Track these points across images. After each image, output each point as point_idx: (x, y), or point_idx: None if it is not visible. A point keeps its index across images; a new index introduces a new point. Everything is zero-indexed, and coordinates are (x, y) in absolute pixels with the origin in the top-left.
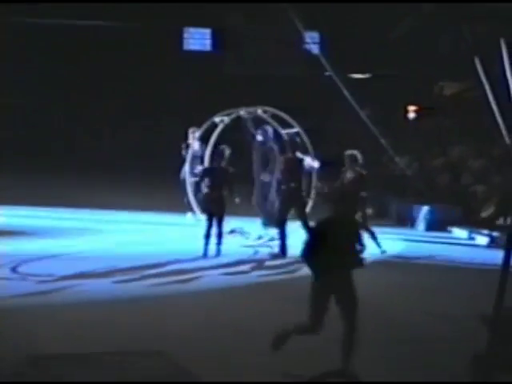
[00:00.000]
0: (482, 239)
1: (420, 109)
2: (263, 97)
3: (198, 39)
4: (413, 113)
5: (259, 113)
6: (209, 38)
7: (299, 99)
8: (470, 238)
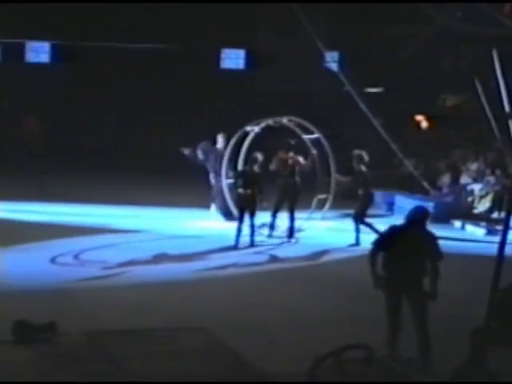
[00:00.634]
0: (479, 231)
1: (426, 118)
2: (290, 109)
3: (232, 59)
4: (424, 122)
5: (285, 122)
6: (242, 57)
7: (321, 110)
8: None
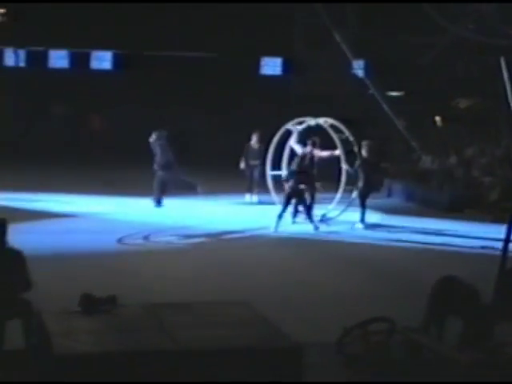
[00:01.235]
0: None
1: (442, 119)
2: (321, 111)
3: (271, 66)
4: (439, 121)
5: (321, 122)
6: (279, 65)
7: (349, 112)
8: None
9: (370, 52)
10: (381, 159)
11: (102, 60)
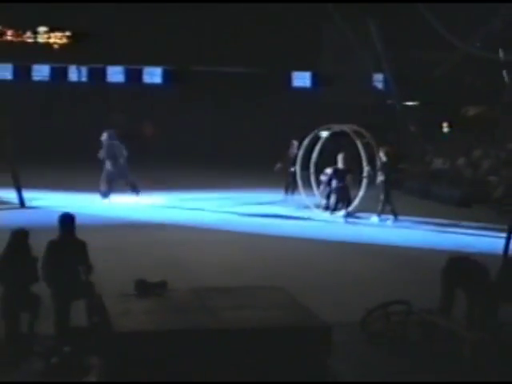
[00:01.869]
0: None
1: (451, 125)
2: (346, 119)
3: (301, 79)
4: (446, 128)
5: (345, 128)
6: (308, 78)
7: (371, 119)
8: None
9: (388, 67)
10: (398, 161)
11: (153, 75)
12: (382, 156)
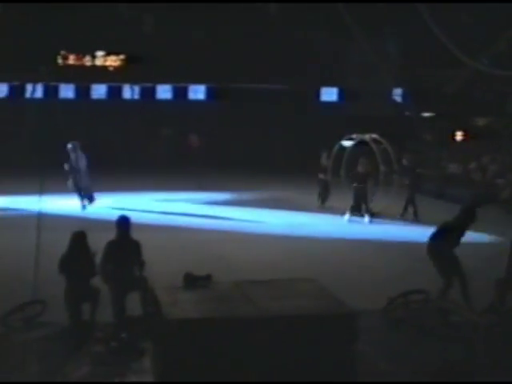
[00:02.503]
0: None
1: (464, 134)
2: (370, 128)
3: (329, 94)
4: (460, 136)
5: (366, 137)
6: (336, 93)
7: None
8: None
9: (406, 82)
10: (416, 166)
11: (197, 92)
12: (404, 161)
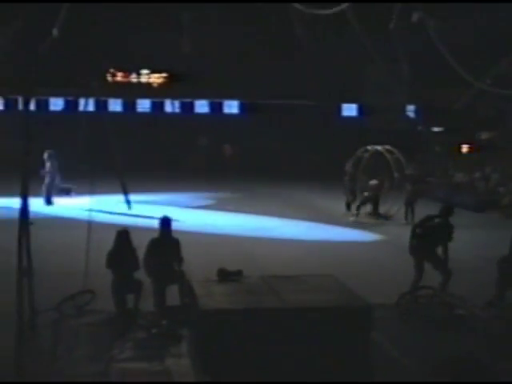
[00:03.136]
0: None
1: (470, 147)
2: (384, 141)
3: (348, 109)
4: (465, 148)
5: (379, 148)
6: (355, 109)
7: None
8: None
9: (419, 99)
10: (421, 175)
11: (231, 107)
12: (409, 170)
